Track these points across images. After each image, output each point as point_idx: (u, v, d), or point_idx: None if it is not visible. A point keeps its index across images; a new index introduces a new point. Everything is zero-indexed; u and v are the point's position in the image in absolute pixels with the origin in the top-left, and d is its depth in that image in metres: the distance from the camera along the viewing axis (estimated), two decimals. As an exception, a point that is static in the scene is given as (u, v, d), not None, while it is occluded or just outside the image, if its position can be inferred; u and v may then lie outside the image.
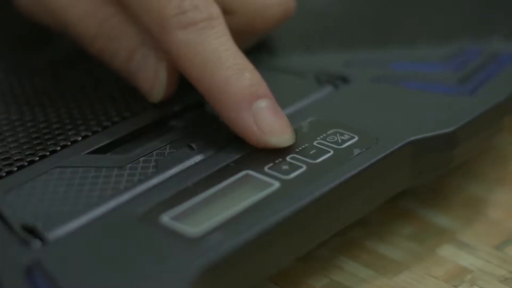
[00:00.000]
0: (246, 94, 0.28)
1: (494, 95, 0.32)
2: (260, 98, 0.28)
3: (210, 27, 0.29)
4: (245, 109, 0.28)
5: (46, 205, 0.27)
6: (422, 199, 0.33)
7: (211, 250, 0.25)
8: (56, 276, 0.24)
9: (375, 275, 0.30)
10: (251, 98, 0.28)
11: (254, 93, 0.28)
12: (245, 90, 0.28)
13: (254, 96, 0.28)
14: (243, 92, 0.28)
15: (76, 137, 0.30)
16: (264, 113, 0.28)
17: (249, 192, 0.27)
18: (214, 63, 0.28)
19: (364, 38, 0.36)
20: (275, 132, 0.28)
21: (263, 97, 0.28)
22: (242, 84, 0.28)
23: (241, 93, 0.28)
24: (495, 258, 0.30)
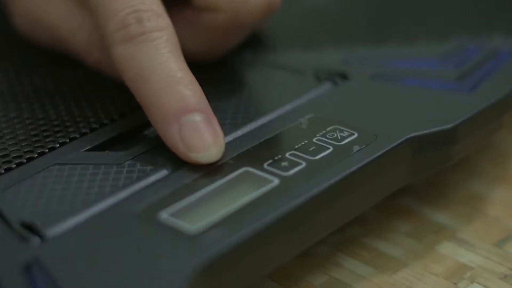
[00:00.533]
0: (174, 108, 0.28)
1: (493, 92, 0.32)
2: (190, 113, 0.28)
3: (149, 40, 0.29)
4: (172, 124, 0.28)
5: (44, 202, 0.27)
6: (421, 196, 0.33)
7: (210, 247, 0.25)
8: (55, 273, 0.24)
9: (375, 272, 0.30)
10: (179, 112, 0.28)
11: (183, 107, 0.28)
12: (174, 104, 0.28)
13: (184, 110, 0.28)
14: (171, 105, 0.28)
15: (74, 134, 0.30)
16: (191, 128, 0.28)
17: (248, 189, 0.27)
18: (147, 76, 0.28)
19: (363, 35, 0.36)
20: (198, 148, 0.27)
21: (193, 111, 0.28)
22: (172, 97, 0.28)
23: (169, 107, 0.28)
24: (495, 255, 0.30)
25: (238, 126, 0.30)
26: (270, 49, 0.35)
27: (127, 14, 0.29)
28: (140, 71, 0.28)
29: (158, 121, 0.28)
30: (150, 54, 0.28)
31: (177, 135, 0.28)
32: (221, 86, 0.33)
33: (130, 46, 0.29)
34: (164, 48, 0.29)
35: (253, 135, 0.30)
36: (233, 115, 0.31)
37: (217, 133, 0.28)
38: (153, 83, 0.28)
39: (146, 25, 0.29)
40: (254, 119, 0.30)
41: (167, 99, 0.28)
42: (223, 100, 0.32)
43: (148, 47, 0.29)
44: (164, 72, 0.28)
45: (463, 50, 0.34)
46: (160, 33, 0.29)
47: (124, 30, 0.29)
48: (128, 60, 0.29)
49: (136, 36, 0.29)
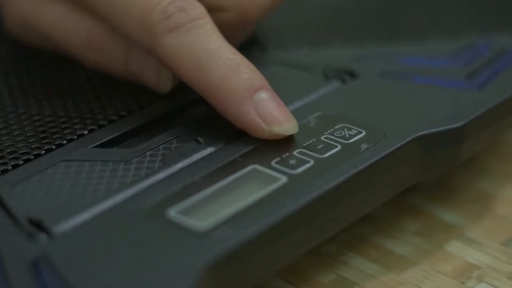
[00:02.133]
0: (245, 88, 0.28)
1: (503, 90, 0.31)
2: (259, 90, 0.28)
3: (198, 27, 0.29)
4: (246, 103, 0.28)
5: (52, 198, 0.27)
6: (429, 195, 0.33)
7: (218, 244, 0.25)
8: (62, 270, 0.24)
9: (383, 271, 0.29)
10: (250, 91, 0.28)
11: (252, 86, 0.28)
12: (244, 84, 0.28)
13: (253, 88, 0.28)
14: (241, 86, 0.28)
15: (82, 131, 0.30)
16: (265, 104, 0.28)
17: (256, 187, 0.27)
18: (208, 62, 0.28)
19: (372, 33, 0.36)
20: (280, 121, 0.28)
21: (261, 89, 0.28)
22: (239, 78, 0.28)
23: (240, 88, 0.28)
24: (503, 255, 0.30)
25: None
26: (278, 46, 0.35)
27: (168, 4, 0.29)
28: (197, 59, 0.28)
29: (229, 103, 0.28)
30: (204, 40, 0.28)
31: (254, 113, 0.28)
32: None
33: (178, 35, 0.29)
34: (213, 34, 0.29)
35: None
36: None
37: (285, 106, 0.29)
38: (216, 68, 0.28)
39: (190, 13, 0.29)
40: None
41: (235, 80, 0.28)
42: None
43: (199, 33, 0.29)
44: (223, 55, 0.28)
45: (473, 49, 0.34)
46: (204, 19, 0.29)
47: (169, 19, 0.29)
48: (181, 50, 0.29)
49: (184, 24, 0.29)
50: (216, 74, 0.28)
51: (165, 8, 0.29)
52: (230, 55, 0.29)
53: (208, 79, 0.28)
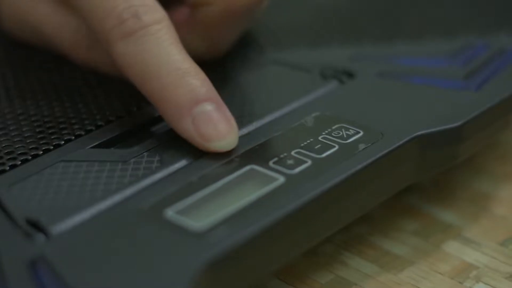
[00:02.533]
0: (185, 100, 0.28)
1: (500, 91, 0.31)
2: (201, 103, 0.28)
3: (149, 34, 0.28)
4: (185, 116, 0.28)
5: (50, 199, 0.27)
6: (427, 195, 0.33)
7: (216, 244, 0.25)
8: (60, 270, 0.24)
9: (380, 271, 0.29)
10: (190, 104, 0.28)
11: (194, 99, 0.28)
12: (185, 96, 0.28)
13: (194, 101, 0.28)
14: (182, 98, 0.28)
15: (80, 131, 0.30)
16: (203, 118, 0.27)
17: (254, 187, 0.27)
18: (153, 71, 0.28)
19: (370, 33, 0.36)
20: (214, 137, 0.28)
21: (204, 101, 0.28)
22: (182, 90, 0.28)
23: (181, 100, 0.28)
24: (501, 255, 0.30)
25: (244, 124, 0.30)
26: (276, 46, 0.35)
27: (122, 10, 0.28)
28: (145, 67, 0.28)
29: (171, 115, 0.28)
30: (153, 48, 0.28)
31: (192, 127, 0.28)
32: (227, 83, 0.33)
33: (130, 41, 0.28)
34: (166, 41, 0.28)
35: (259, 133, 0.30)
36: (240, 112, 0.31)
37: (229, 120, 0.28)
38: (161, 77, 0.28)
39: (144, 19, 0.28)
40: (260, 117, 0.30)
41: (177, 92, 0.28)
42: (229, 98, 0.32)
43: (150, 41, 0.28)
44: (170, 65, 0.28)
45: (471, 49, 0.34)
46: (158, 25, 0.28)
47: (122, 26, 0.28)
48: (131, 56, 0.28)
49: (135, 31, 0.28)
50: (158, 84, 0.28)
51: (120, 14, 0.28)
52: (179, 64, 0.28)
53: (152, 89, 0.28)
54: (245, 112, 0.31)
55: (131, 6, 0.29)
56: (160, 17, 0.29)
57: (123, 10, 0.29)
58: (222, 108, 0.28)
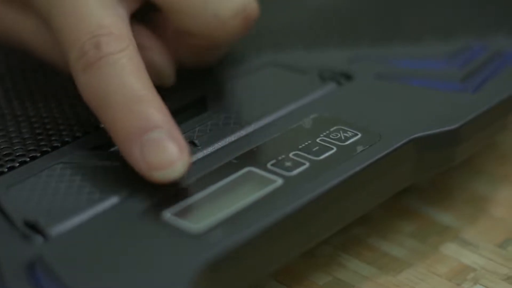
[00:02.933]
0: (135, 127, 0.27)
1: (497, 93, 0.32)
2: (151, 130, 0.27)
3: (108, 64, 0.28)
4: (134, 144, 0.27)
5: (48, 201, 0.27)
6: (425, 197, 0.33)
7: (214, 246, 0.25)
8: (58, 272, 0.24)
9: (378, 273, 0.30)
10: (140, 131, 0.27)
11: (144, 126, 0.27)
12: (135, 123, 0.27)
13: (144, 128, 0.27)
14: (131, 125, 0.27)
15: (78, 133, 0.30)
16: (151, 145, 0.26)
17: (252, 189, 0.27)
18: (108, 100, 0.27)
19: (368, 35, 0.36)
20: (159, 165, 0.26)
21: (154, 128, 0.27)
22: (131, 117, 0.27)
23: (129, 127, 0.27)
24: (498, 257, 0.30)
25: (242, 126, 0.30)
26: (274, 48, 0.35)
27: (85, 42, 0.28)
28: (102, 96, 0.27)
29: (121, 142, 0.27)
30: (110, 77, 0.27)
31: (139, 154, 0.26)
32: (225, 85, 0.33)
33: (90, 73, 0.28)
34: (124, 70, 0.28)
35: (257, 134, 0.30)
36: (238, 114, 0.31)
37: (180, 147, 0.26)
38: (113, 106, 0.27)
39: (103, 50, 0.28)
40: (258, 118, 0.30)
41: (127, 119, 0.27)
42: (227, 99, 0.32)
43: (107, 71, 0.28)
44: (123, 92, 0.27)
45: (468, 51, 0.34)
46: (118, 55, 0.28)
47: (83, 58, 0.28)
48: (90, 87, 0.28)
49: (94, 62, 0.28)
50: (112, 112, 0.27)
51: (82, 45, 0.28)
52: (132, 91, 0.27)
53: (107, 117, 0.27)
54: (243, 114, 0.31)
55: (94, 37, 0.28)
56: (122, 46, 0.28)
57: (85, 41, 0.28)
58: (174, 134, 0.27)
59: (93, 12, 0.29)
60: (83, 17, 0.28)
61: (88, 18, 0.28)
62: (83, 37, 0.28)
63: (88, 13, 0.29)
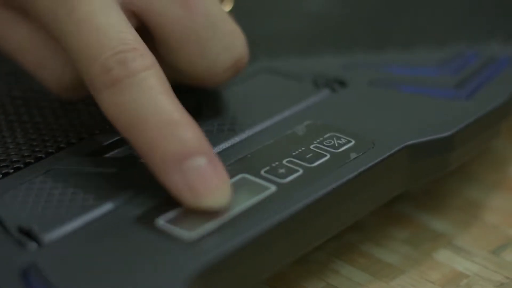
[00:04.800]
0: (174, 153, 0.25)
1: (491, 99, 0.32)
2: (193, 156, 0.25)
3: (136, 83, 0.26)
4: (174, 172, 0.25)
5: (42, 207, 0.27)
6: (418, 203, 0.33)
7: (207, 253, 0.25)
8: (52, 279, 0.24)
9: (371, 279, 0.30)
10: (180, 158, 0.25)
11: (184, 152, 0.25)
12: (174, 149, 0.25)
13: (185, 155, 0.25)
14: (172, 151, 0.25)
15: (72, 139, 0.30)
16: (194, 174, 0.25)
17: (245, 196, 0.27)
18: (140, 123, 0.26)
19: (361, 42, 0.36)
20: (206, 194, 0.25)
21: (196, 154, 0.25)
22: (170, 143, 0.25)
23: (168, 153, 0.25)
24: (491, 263, 0.30)
25: (236, 132, 0.30)
26: (269, 55, 0.35)
27: (108, 57, 0.26)
28: (132, 118, 0.26)
29: (159, 169, 0.26)
30: (140, 97, 0.26)
31: (182, 183, 0.25)
32: (219, 91, 0.33)
33: (116, 91, 0.26)
34: (154, 89, 0.26)
35: (251, 141, 0.30)
36: (231, 120, 0.31)
37: (222, 175, 0.26)
38: (149, 129, 0.26)
39: (131, 66, 0.26)
40: (252, 125, 0.30)
41: (166, 145, 0.25)
42: (221, 106, 0.32)
43: (137, 90, 0.26)
44: (159, 116, 0.26)
45: (461, 57, 0.34)
46: (146, 72, 0.26)
47: (107, 75, 0.26)
48: (116, 107, 0.26)
49: (121, 79, 0.26)
50: (148, 135, 0.26)
51: (105, 61, 0.26)
52: (168, 114, 0.26)
53: (139, 142, 0.26)
54: (237, 120, 0.31)
55: (118, 53, 0.26)
56: (149, 63, 0.26)
57: (109, 57, 0.26)
58: (215, 162, 0.26)
59: (114, 25, 0.27)
60: (103, 30, 0.27)
61: (109, 31, 0.27)
62: (105, 52, 0.26)
63: (109, 27, 0.27)
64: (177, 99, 0.27)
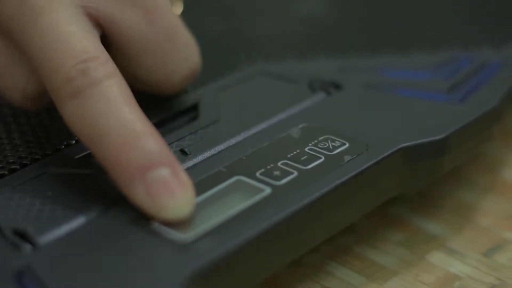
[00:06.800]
0: (137, 164, 0.25)
1: (484, 103, 0.32)
2: (155, 167, 0.25)
3: (98, 92, 0.26)
4: (137, 182, 0.25)
5: (37, 209, 0.27)
6: (412, 206, 0.33)
7: (202, 256, 0.25)
8: (46, 281, 0.24)
9: (366, 282, 0.30)
10: (143, 170, 0.25)
11: (147, 164, 0.25)
12: (136, 159, 0.25)
13: (147, 166, 0.25)
14: (133, 162, 0.25)
15: (69, 141, 0.30)
16: (157, 184, 0.25)
17: (240, 198, 0.27)
18: (102, 133, 0.25)
19: (356, 46, 0.36)
20: (169, 205, 0.25)
21: (158, 165, 0.25)
22: (133, 154, 0.25)
23: (131, 164, 0.25)
24: (484, 265, 0.30)
25: (231, 135, 0.30)
26: (264, 58, 0.35)
27: (70, 67, 0.26)
28: (94, 128, 0.26)
29: (122, 180, 0.26)
30: (103, 107, 0.26)
31: (145, 194, 0.25)
32: (216, 94, 0.33)
33: (78, 101, 0.26)
34: (116, 99, 0.26)
35: (246, 143, 0.30)
36: (227, 123, 0.31)
37: (187, 186, 0.26)
38: (111, 141, 0.25)
39: (93, 75, 0.26)
40: (247, 127, 0.31)
41: (129, 156, 0.25)
42: (217, 108, 0.32)
43: (98, 100, 0.26)
44: (121, 127, 0.25)
45: (455, 62, 0.35)
46: (109, 81, 0.26)
47: (69, 85, 0.26)
48: (79, 117, 0.26)
49: (83, 89, 0.26)
50: (110, 147, 0.25)
51: (68, 71, 0.26)
52: (131, 124, 0.25)
53: (103, 152, 0.26)
54: (233, 123, 0.31)
55: (80, 62, 0.26)
56: (111, 71, 0.26)
57: (72, 66, 0.26)
58: (178, 172, 0.26)
59: (77, 34, 0.27)
60: (67, 38, 0.26)
61: (71, 41, 0.26)
62: (68, 62, 0.26)
63: (72, 35, 0.27)
64: (139, 109, 0.26)
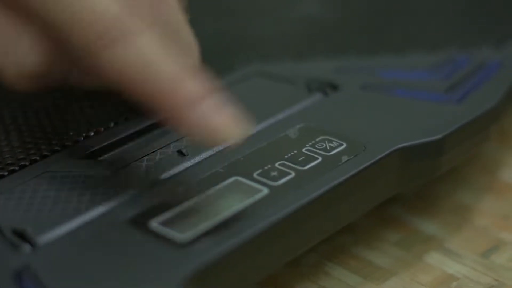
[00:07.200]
0: (193, 94, 0.27)
1: (481, 104, 0.32)
2: (206, 97, 0.27)
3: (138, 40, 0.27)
4: (192, 112, 0.27)
5: (36, 209, 0.27)
6: (409, 206, 0.33)
7: (200, 255, 0.25)
8: (45, 281, 0.24)
9: (363, 282, 0.30)
10: (198, 98, 0.27)
11: (200, 94, 0.27)
12: (190, 92, 0.27)
13: (200, 96, 0.27)
14: (188, 95, 0.27)
15: (67, 142, 0.30)
16: (212, 111, 0.27)
17: (238, 198, 0.27)
18: (154, 70, 0.27)
19: (354, 46, 0.36)
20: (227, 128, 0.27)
21: (207, 96, 0.27)
22: (186, 87, 0.27)
23: (187, 95, 0.27)
24: (481, 266, 0.30)
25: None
26: (262, 58, 0.35)
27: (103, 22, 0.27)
28: (143, 68, 0.27)
29: (177, 111, 0.27)
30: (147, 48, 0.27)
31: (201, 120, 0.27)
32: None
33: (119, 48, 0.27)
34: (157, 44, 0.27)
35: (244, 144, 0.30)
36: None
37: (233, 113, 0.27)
38: (163, 74, 0.27)
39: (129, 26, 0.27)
40: (244, 128, 0.31)
41: (183, 89, 0.27)
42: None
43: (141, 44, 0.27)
44: (170, 63, 0.27)
45: (452, 62, 0.35)
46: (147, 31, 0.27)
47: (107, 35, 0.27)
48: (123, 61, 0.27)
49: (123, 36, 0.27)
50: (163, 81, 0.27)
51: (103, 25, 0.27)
52: (176, 62, 0.27)
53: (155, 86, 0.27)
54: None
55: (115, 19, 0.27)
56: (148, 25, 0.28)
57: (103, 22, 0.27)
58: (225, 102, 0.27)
59: None
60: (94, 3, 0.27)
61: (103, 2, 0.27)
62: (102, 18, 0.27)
63: None
64: None
